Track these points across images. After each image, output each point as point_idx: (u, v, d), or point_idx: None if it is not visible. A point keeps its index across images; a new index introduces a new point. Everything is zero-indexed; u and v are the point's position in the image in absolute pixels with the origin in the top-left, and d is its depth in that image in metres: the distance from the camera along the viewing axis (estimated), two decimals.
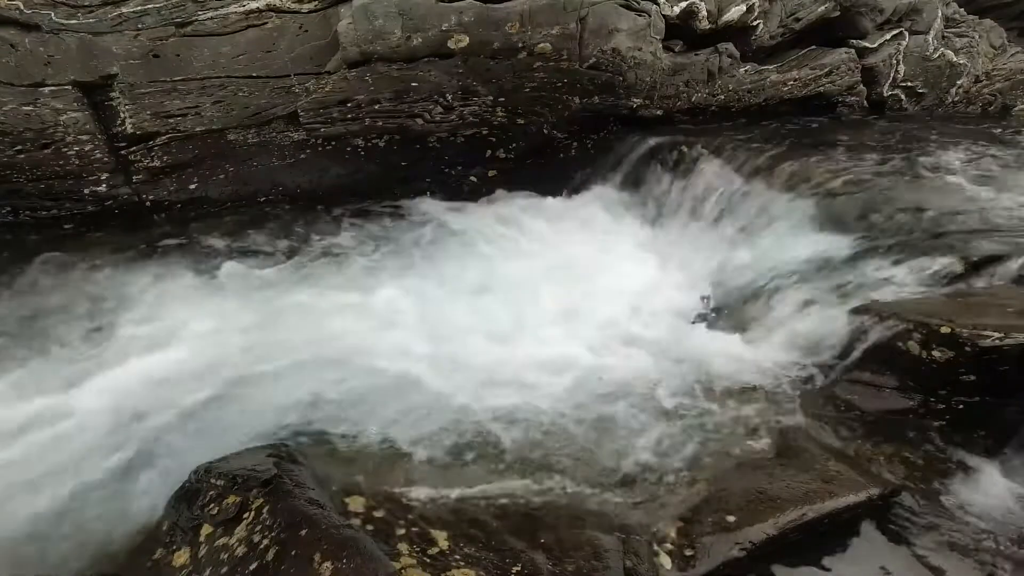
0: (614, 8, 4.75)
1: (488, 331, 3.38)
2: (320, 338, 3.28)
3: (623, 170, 5.08)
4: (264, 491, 1.97)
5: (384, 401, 2.77)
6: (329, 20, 4.55)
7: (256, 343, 3.22)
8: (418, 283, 3.87)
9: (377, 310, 3.58)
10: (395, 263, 4.18)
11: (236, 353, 3.12)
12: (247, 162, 4.84)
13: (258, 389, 2.90)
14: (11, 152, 4.25)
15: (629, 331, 3.38)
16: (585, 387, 2.92)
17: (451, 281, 3.94)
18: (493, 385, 2.92)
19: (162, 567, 1.94)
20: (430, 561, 1.82)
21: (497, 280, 3.96)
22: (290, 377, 2.96)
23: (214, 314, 3.49)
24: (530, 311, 3.57)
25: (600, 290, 3.78)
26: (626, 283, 3.87)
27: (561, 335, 3.37)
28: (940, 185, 3.93)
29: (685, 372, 3.02)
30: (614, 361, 3.12)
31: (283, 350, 3.15)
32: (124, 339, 3.31)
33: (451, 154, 5.15)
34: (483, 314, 3.54)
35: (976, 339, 2.40)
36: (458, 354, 3.16)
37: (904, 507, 2.20)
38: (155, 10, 4.34)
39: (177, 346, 3.21)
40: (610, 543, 1.97)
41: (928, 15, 6.00)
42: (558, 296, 3.73)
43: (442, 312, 3.57)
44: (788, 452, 2.43)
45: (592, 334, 3.36)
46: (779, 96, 5.62)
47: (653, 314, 3.56)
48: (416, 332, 3.36)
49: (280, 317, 3.51)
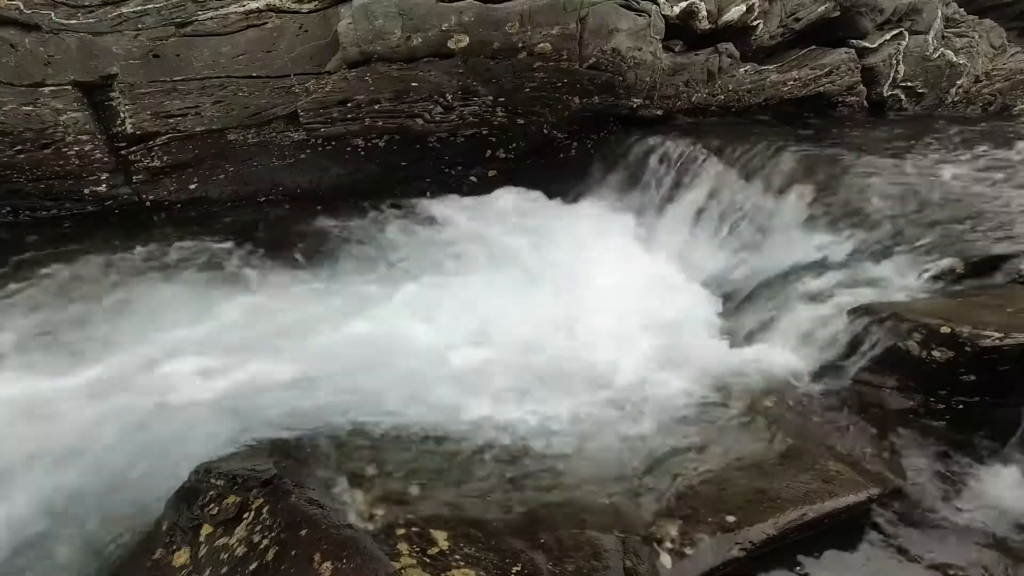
0: (614, 8, 4.75)
1: (487, 331, 3.38)
2: (320, 337, 3.28)
3: (623, 170, 5.08)
4: (264, 491, 1.97)
5: (384, 401, 2.77)
6: (329, 20, 4.55)
7: (255, 344, 3.22)
8: (418, 282, 3.88)
9: (377, 310, 3.58)
10: (394, 263, 4.18)
11: (232, 353, 3.12)
12: (247, 162, 4.84)
13: (259, 389, 2.89)
14: (11, 152, 4.25)
15: (628, 331, 3.38)
16: (584, 387, 2.92)
17: (448, 281, 3.94)
18: (493, 385, 2.92)
19: (162, 567, 1.94)
20: (430, 561, 1.83)
21: (497, 280, 3.96)
22: (290, 378, 2.96)
23: (214, 313, 3.49)
24: (529, 310, 3.56)
25: (599, 290, 3.78)
26: (625, 283, 3.87)
27: (559, 335, 3.37)
28: (940, 185, 3.93)
29: (685, 372, 3.02)
30: (613, 361, 3.11)
31: (282, 351, 3.15)
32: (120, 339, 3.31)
33: (451, 154, 5.15)
34: (482, 314, 3.54)
35: (976, 339, 2.40)
36: (458, 354, 3.16)
37: (904, 507, 2.21)
38: (155, 10, 4.34)
39: (175, 347, 3.21)
40: (610, 543, 1.97)
41: (928, 15, 6.00)
42: (557, 296, 3.73)
43: (442, 312, 3.57)
44: (788, 452, 2.43)
45: (591, 334, 3.35)
46: (779, 96, 5.62)
47: (652, 314, 3.55)
48: (415, 332, 3.36)
49: (279, 316, 3.51)
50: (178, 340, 3.26)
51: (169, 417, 2.71)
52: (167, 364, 3.06)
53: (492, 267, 4.12)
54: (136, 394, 2.86)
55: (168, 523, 2.06)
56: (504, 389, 2.89)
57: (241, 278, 3.94)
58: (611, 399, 2.83)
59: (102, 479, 2.42)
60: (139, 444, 2.58)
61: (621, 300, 3.67)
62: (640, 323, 3.44)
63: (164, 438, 2.60)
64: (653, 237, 4.52)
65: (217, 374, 2.97)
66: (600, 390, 2.90)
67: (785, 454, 2.42)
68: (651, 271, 4.09)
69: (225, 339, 3.27)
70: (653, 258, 4.25)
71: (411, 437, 2.56)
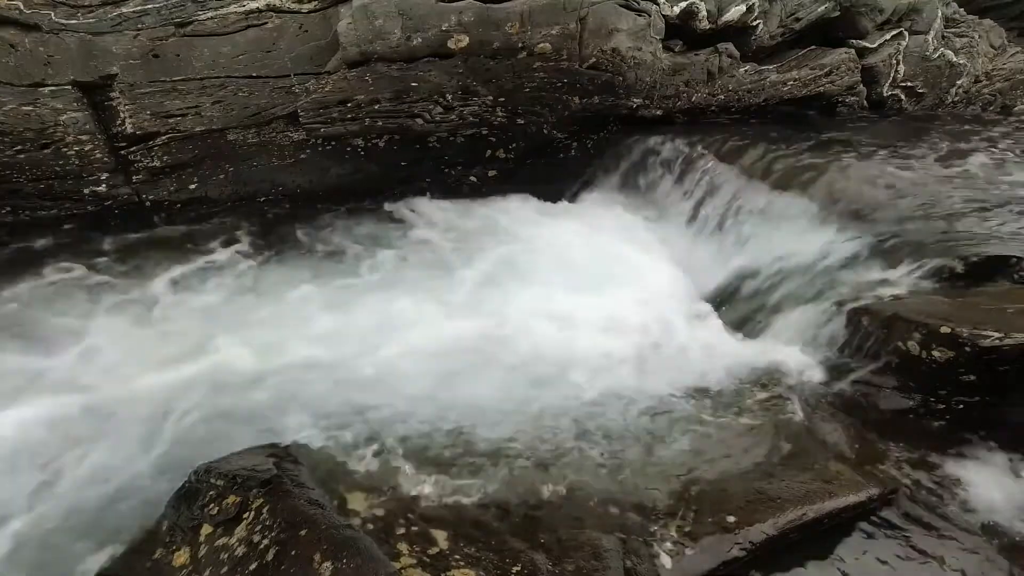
0: (614, 8, 4.75)
1: (485, 330, 3.38)
2: (320, 337, 3.28)
3: (623, 170, 5.08)
4: (264, 491, 1.97)
5: (384, 401, 2.77)
6: (329, 20, 4.55)
7: (254, 343, 3.22)
8: (415, 283, 3.88)
9: (375, 310, 3.58)
10: (394, 263, 4.19)
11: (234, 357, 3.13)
12: (247, 162, 4.84)
13: (259, 390, 2.90)
14: (11, 152, 4.25)
15: (629, 331, 3.38)
16: (584, 387, 2.92)
17: (447, 280, 3.94)
18: (493, 385, 2.92)
19: (162, 567, 1.94)
20: (430, 561, 1.83)
21: (495, 280, 3.96)
22: (289, 378, 2.96)
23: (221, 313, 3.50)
24: (528, 310, 3.56)
25: (599, 289, 3.78)
26: (625, 282, 3.87)
27: (559, 334, 3.36)
28: (940, 185, 3.93)
29: (685, 372, 3.02)
30: (613, 361, 3.11)
31: (280, 351, 3.15)
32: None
33: (451, 154, 5.15)
34: (480, 313, 3.54)
35: (976, 339, 2.40)
36: (457, 354, 3.16)
37: (904, 507, 2.21)
38: (155, 10, 4.34)
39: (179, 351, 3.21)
40: (610, 543, 1.97)
41: (928, 15, 6.00)
42: (556, 295, 3.73)
43: (441, 312, 3.57)
44: (788, 452, 2.43)
45: (591, 334, 3.35)
46: (779, 96, 5.62)
47: (652, 314, 3.55)
48: (414, 332, 3.36)
49: (280, 315, 3.51)
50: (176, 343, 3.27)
51: (170, 418, 2.71)
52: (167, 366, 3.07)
53: (492, 267, 4.11)
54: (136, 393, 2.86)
55: (168, 523, 2.06)
56: (506, 389, 2.89)
57: (237, 276, 3.94)
58: (610, 399, 2.83)
59: (102, 478, 2.43)
60: (139, 442, 2.59)
61: (620, 299, 3.67)
62: (639, 322, 3.44)
63: (165, 439, 2.61)
64: (653, 236, 4.52)
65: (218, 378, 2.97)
66: (599, 389, 2.90)
67: (785, 454, 2.42)
68: (650, 270, 4.09)
69: (230, 340, 3.27)
70: (652, 257, 4.25)
71: (412, 437, 2.56)
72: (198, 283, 3.91)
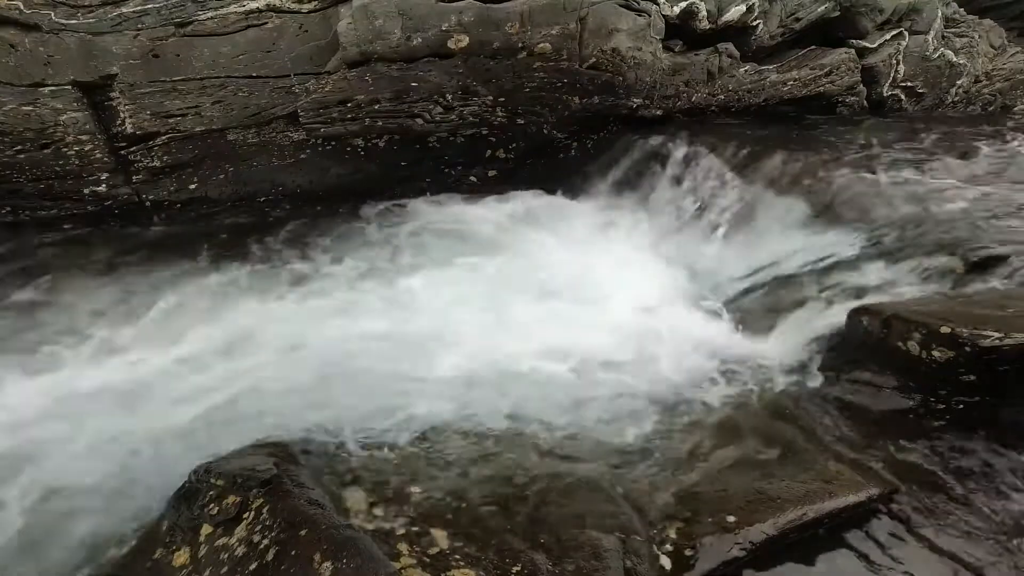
0: (614, 8, 4.75)
1: (484, 331, 3.37)
2: (320, 337, 3.28)
3: (623, 170, 5.08)
4: (264, 491, 1.97)
5: (384, 400, 2.77)
6: (329, 20, 4.56)
7: (252, 343, 3.22)
8: (414, 281, 3.88)
9: (376, 309, 3.58)
10: (394, 262, 4.18)
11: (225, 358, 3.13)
12: (247, 162, 4.84)
13: (260, 390, 2.89)
14: (11, 152, 4.25)
15: (628, 331, 3.38)
16: (584, 387, 2.92)
17: (448, 280, 3.94)
18: (493, 385, 2.92)
19: (162, 567, 1.94)
20: (430, 561, 1.83)
21: (495, 279, 3.95)
22: (288, 378, 2.96)
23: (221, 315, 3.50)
24: (527, 310, 3.56)
25: (599, 289, 3.78)
26: (625, 282, 3.87)
27: (558, 334, 3.36)
28: (940, 185, 3.93)
29: (685, 372, 3.02)
30: (613, 361, 3.11)
31: (278, 352, 3.15)
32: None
33: (451, 154, 5.15)
34: (479, 313, 3.54)
35: (976, 339, 2.40)
36: (457, 355, 3.16)
37: (904, 507, 2.20)
38: (155, 10, 4.34)
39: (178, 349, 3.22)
40: (610, 543, 1.97)
41: (928, 15, 6.00)
42: (556, 295, 3.73)
43: (443, 312, 3.57)
44: (788, 452, 2.43)
45: (591, 334, 3.35)
46: (779, 96, 5.62)
47: (652, 314, 3.55)
48: (413, 332, 3.36)
49: (274, 316, 3.51)
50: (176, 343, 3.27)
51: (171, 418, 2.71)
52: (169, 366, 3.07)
53: (490, 267, 4.11)
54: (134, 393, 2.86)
55: (168, 523, 2.06)
56: (506, 389, 2.89)
57: (237, 276, 3.94)
58: (609, 398, 2.83)
59: (102, 478, 2.43)
60: (139, 442, 2.58)
61: (619, 298, 3.67)
62: (638, 322, 3.44)
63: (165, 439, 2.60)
64: (653, 236, 4.52)
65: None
66: (598, 389, 2.90)
67: (785, 454, 2.42)
68: (650, 270, 4.09)
69: (223, 342, 3.27)
70: (652, 257, 4.25)
71: (411, 437, 2.56)
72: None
